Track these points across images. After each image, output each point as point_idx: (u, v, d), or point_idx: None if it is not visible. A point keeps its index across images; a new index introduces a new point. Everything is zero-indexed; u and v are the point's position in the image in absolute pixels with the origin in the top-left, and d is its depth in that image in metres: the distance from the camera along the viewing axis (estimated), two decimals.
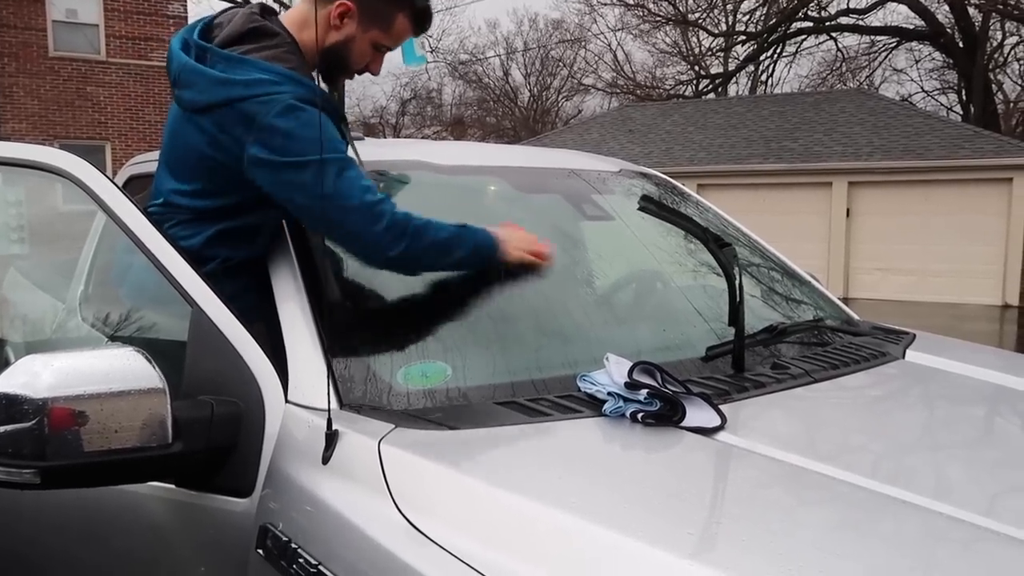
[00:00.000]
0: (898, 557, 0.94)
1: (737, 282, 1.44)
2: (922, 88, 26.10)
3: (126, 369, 1.24)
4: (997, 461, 1.28)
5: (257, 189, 1.49)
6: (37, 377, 1.18)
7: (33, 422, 1.20)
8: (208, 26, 1.61)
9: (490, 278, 1.75)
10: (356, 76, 1.71)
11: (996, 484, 1.19)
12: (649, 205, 1.56)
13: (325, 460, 1.21)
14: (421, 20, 1.65)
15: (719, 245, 1.45)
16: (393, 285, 1.61)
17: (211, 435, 1.34)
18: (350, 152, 1.57)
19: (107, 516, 1.53)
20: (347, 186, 1.44)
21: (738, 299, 1.45)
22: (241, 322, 1.43)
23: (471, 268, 1.59)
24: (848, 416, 1.44)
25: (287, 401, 1.36)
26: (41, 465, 1.20)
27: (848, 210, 13.74)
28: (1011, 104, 25.83)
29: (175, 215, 1.60)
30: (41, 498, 1.43)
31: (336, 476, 1.19)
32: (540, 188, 2.06)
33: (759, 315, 1.84)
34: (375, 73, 1.69)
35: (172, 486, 1.41)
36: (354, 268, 1.62)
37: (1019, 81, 25.16)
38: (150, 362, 1.26)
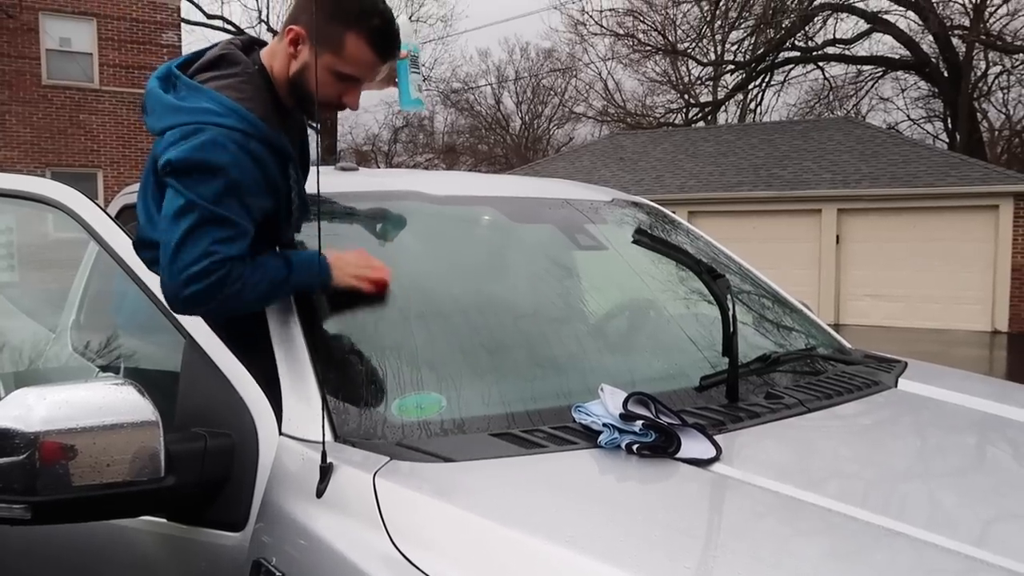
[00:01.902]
0: None
1: (731, 313, 1.45)
2: (908, 116, 26.46)
3: (119, 402, 1.24)
4: (990, 490, 1.28)
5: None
6: (31, 411, 1.17)
7: (24, 456, 1.19)
8: (198, 54, 1.62)
9: (484, 308, 1.75)
10: (337, 110, 1.61)
11: (990, 514, 1.20)
12: (643, 238, 1.57)
13: (319, 493, 1.20)
14: (380, 41, 1.51)
15: (712, 276, 1.46)
16: (387, 316, 1.61)
17: (204, 468, 1.33)
18: (310, 187, 1.54)
19: (98, 550, 1.52)
20: (192, 218, 1.38)
21: (732, 329, 1.46)
22: (234, 353, 1.43)
23: (297, 291, 1.51)
24: (842, 446, 1.45)
25: (281, 433, 1.35)
26: (32, 500, 1.19)
27: (838, 237, 13.84)
28: (996, 132, 26.20)
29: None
30: (31, 531, 1.41)
31: (330, 510, 1.18)
32: (533, 218, 2.08)
33: (752, 343, 1.85)
34: (352, 107, 1.57)
35: (164, 520, 1.40)
36: (348, 298, 1.63)
37: (1003, 110, 25.57)
38: (143, 395, 1.25)
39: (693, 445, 1.27)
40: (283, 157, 1.51)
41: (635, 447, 1.25)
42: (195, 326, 1.45)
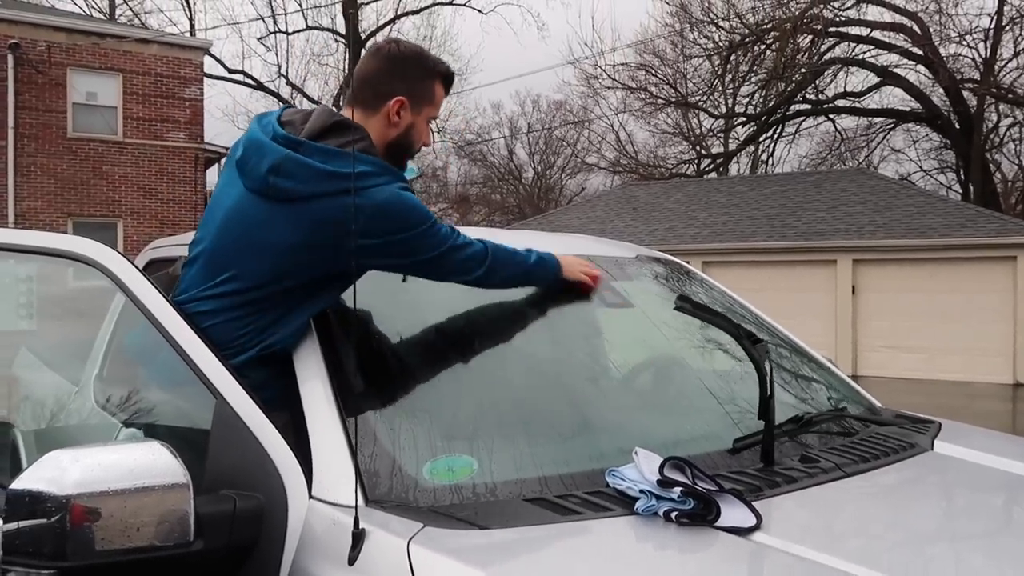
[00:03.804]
0: None
1: (768, 377, 1.43)
2: (921, 167, 26.56)
3: (152, 464, 1.22)
4: None
5: (328, 275, 1.58)
6: (65, 473, 1.16)
7: (55, 519, 1.17)
8: (279, 122, 1.67)
9: (512, 368, 1.74)
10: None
11: None
12: (685, 304, 1.57)
13: (351, 561, 1.18)
14: (449, 82, 1.81)
15: (752, 341, 1.45)
16: (415, 377, 1.61)
17: (233, 532, 1.31)
18: None
19: None
20: (442, 238, 1.64)
21: (769, 393, 1.44)
22: (265, 414, 1.42)
23: (538, 281, 1.86)
24: (884, 514, 1.41)
25: (311, 496, 1.33)
26: (62, 566, 1.17)
27: (854, 287, 13.78)
28: (1009, 183, 26.21)
29: (209, 304, 1.60)
30: None
31: None
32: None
33: (782, 402, 1.81)
34: (429, 144, 1.84)
35: None
36: (379, 359, 1.62)
37: (1015, 161, 25.62)
38: (175, 456, 1.25)
39: (732, 512, 1.24)
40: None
41: (673, 514, 1.23)
42: (226, 384, 1.45)
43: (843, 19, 20.51)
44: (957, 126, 20.73)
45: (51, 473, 1.17)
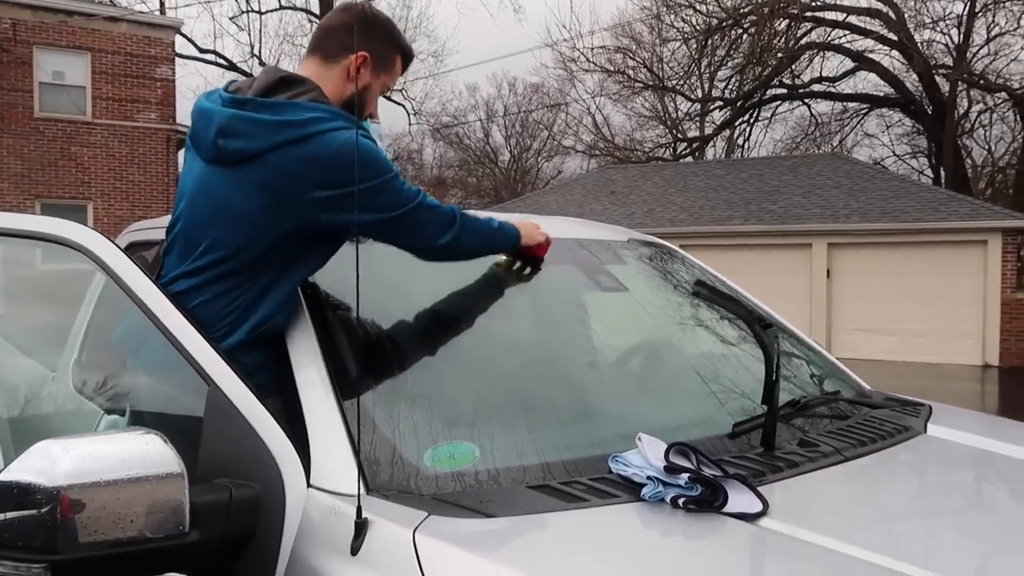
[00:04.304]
0: None
1: (776, 363, 1.42)
2: (894, 152, 26.86)
3: (144, 454, 1.19)
4: None
5: (301, 234, 1.52)
6: (55, 463, 1.12)
7: (45, 510, 1.13)
8: (227, 91, 1.63)
9: (510, 353, 1.72)
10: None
11: None
12: (702, 290, 1.56)
13: (354, 551, 1.15)
14: (407, 60, 1.81)
15: (763, 326, 1.44)
16: (414, 361, 1.58)
17: (229, 522, 1.28)
18: None
19: None
20: (407, 194, 1.57)
21: (775, 378, 1.43)
22: (260, 400, 1.38)
23: (501, 248, 1.80)
24: (889, 498, 1.41)
25: (309, 485, 1.30)
26: (52, 559, 1.13)
27: (828, 271, 13.93)
28: (979, 168, 26.61)
29: (192, 279, 1.56)
30: None
31: (367, 568, 1.13)
32: (554, 259, 2.05)
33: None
34: (376, 118, 1.80)
35: None
36: (374, 343, 1.59)
37: (985, 146, 26.01)
38: (168, 445, 1.21)
39: (739, 498, 1.23)
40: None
41: (680, 501, 1.21)
42: (219, 370, 1.41)
43: (819, 3, 20.59)
44: (930, 111, 20.96)
45: (40, 464, 1.13)
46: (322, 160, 1.46)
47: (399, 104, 26.62)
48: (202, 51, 25.92)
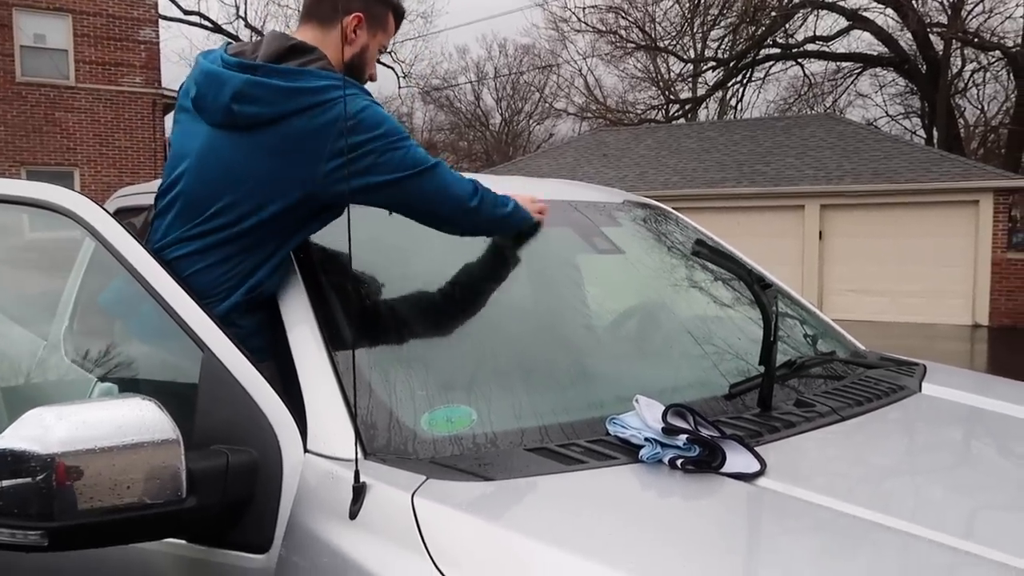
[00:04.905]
0: None
1: (774, 323, 1.42)
2: (887, 112, 26.74)
3: (139, 420, 1.18)
4: None
5: (309, 205, 1.51)
6: (49, 430, 1.11)
7: (40, 478, 1.13)
8: (228, 53, 1.59)
9: (506, 316, 1.71)
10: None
11: None
12: (702, 249, 1.55)
13: (353, 515, 1.15)
14: (399, 18, 1.79)
15: (763, 286, 1.43)
16: (410, 324, 1.56)
17: (226, 488, 1.28)
18: None
19: (113, 574, 1.45)
20: (426, 155, 1.57)
21: (773, 339, 1.43)
22: (255, 365, 1.37)
23: (518, 225, 1.77)
24: (885, 457, 1.41)
25: (306, 451, 1.30)
26: (49, 526, 1.13)
27: (821, 232, 13.94)
28: (972, 128, 26.54)
29: (193, 244, 1.54)
30: (44, 555, 1.35)
31: (365, 532, 1.13)
32: (548, 221, 2.03)
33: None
34: (375, 78, 1.78)
35: (184, 542, 1.34)
36: (368, 305, 1.57)
37: (978, 106, 25.90)
38: (163, 412, 1.20)
39: (737, 459, 1.23)
40: None
41: (679, 462, 1.22)
42: (213, 337, 1.39)
43: None
44: (923, 71, 20.82)
45: (34, 431, 1.12)
46: (339, 126, 1.46)
47: (388, 67, 26.29)
48: (186, 12, 25.45)
